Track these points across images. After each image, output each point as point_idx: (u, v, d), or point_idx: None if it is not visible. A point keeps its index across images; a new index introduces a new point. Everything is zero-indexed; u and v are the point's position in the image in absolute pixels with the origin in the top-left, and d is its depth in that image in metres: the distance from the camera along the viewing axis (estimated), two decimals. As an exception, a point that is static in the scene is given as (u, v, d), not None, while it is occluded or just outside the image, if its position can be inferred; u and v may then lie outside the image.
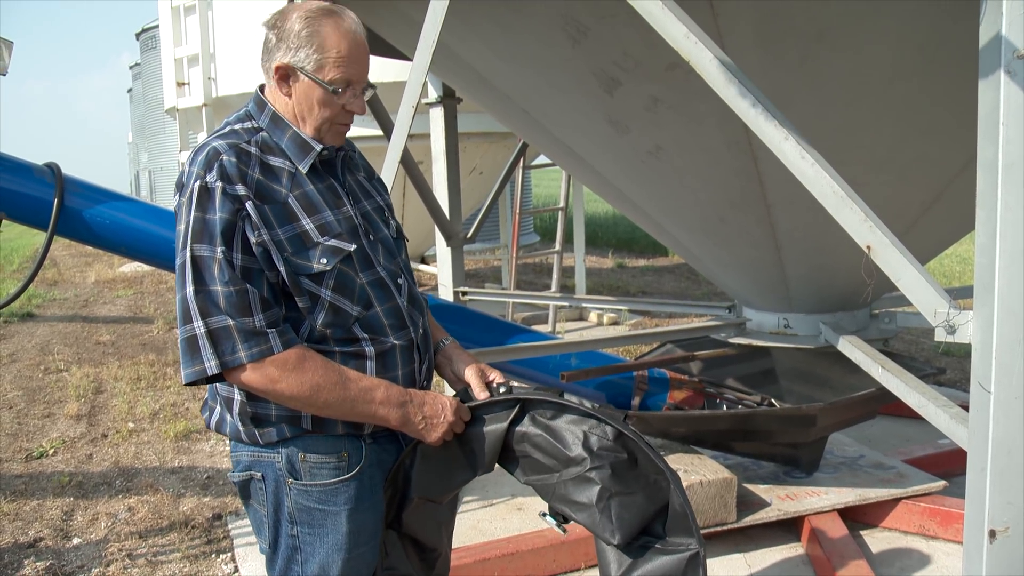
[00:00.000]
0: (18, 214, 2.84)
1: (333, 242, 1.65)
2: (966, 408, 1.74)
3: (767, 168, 2.79)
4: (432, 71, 3.32)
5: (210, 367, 1.54)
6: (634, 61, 2.65)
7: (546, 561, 3.14)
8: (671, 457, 3.40)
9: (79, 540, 3.72)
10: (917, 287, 1.74)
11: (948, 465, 3.77)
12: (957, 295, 1.78)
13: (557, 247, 7.73)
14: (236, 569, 3.38)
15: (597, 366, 3.61)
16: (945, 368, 5.49)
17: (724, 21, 2.39)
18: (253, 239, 1.57)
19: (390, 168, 2.80)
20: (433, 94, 4.58)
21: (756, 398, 3.67)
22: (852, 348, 2.82)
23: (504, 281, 9.24)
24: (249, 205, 1.57)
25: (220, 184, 1.56)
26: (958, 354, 6.38)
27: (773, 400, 3.65)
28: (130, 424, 5.36)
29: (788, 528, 3.41)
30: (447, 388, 2.53)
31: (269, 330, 1.57)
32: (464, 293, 4.55)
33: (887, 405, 3.61)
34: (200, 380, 1.58)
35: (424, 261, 9.59)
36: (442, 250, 4.58)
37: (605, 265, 13.05)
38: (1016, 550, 1.65)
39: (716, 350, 3.71)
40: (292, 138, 1.69)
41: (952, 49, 2.40)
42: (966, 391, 1.67)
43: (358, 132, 1.97)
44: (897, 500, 3.44)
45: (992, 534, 1.64)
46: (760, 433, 3.42)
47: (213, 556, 3.50)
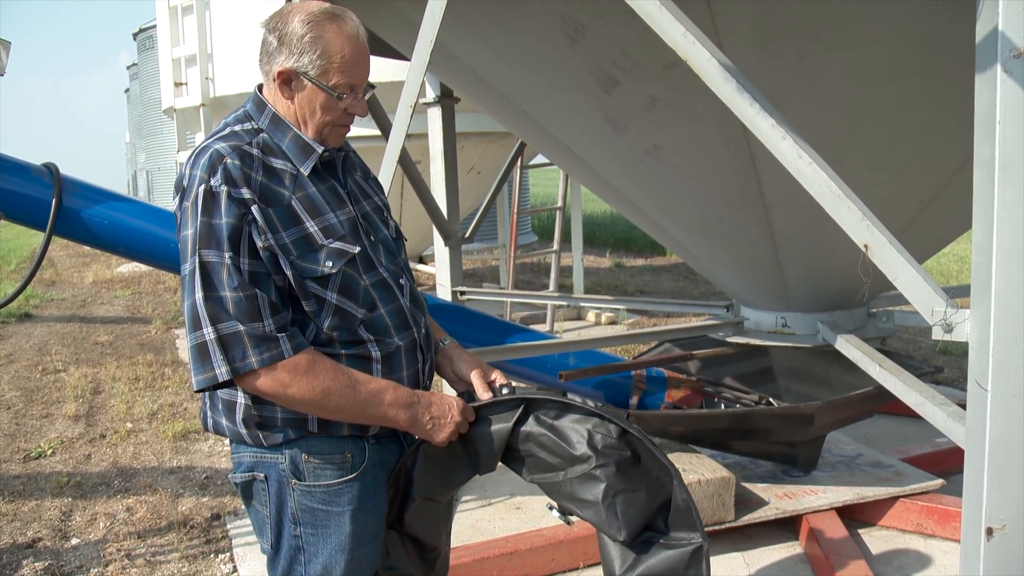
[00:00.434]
0: (16, 214, 2.84)
1: (338, 245, 1.64)
2: (964, 406, 1.74)
3: (765, 167, 2.79)
4: (430, 71, 3.32)
5: (221, 373, 1.53)
6: (632, 60, 2.65)
7: (545, 560, 3.13)
8: (669, 456, 3.39)
9: (77, 540, 3.71)
10: (914, 285, 1.74)
11: (946, 463, 3.78)
12: (955, 294, 1.78)
13: (555, 247, 7.73)
14: (235, 569, 3.38)
15: (595, 365, 3.61)
16: (943, 367, 5.50)
17: (722, 21, 2.39)
18: (260, 243, 1.56)
19: (388, 168, 2.80)
20: (431, 94, 4.58)
21: (754, 397, 3.67)
22: (850, 347, 2.82)
23: (502, 281, 9.24)
24: (255, 209, 1.56)
25: (225, 188, 1.55)
26: (956, 352, 6.38)
27: (771, 399, 3.65)
28: (128, 424, 5.36)
29: (786, 527, 3.41)
30: (445, 387, 2.53)
31: (279, 335, 1.56)
32: (462, 293, 4.55)
33: (885, 404, 3.62)
34: (211, 387, 1.56)
35: (422, 261, 9.58)
36: (440, 250, 4.58)
37: (603, 264, 13.06)
38: (1013, 548, 1.65)
39: (714, 349, 3.71)
40: (293, 140, 1.68)
41: (949, 48, 2.41)
42: (964, 389, 1.67)
43: (355, 132, 1.97)
44: (895, 499, 3.44)
45: (989, 532, 1.64)
46: (758, 432, 3.43)
47: (212, 556, 3.50)
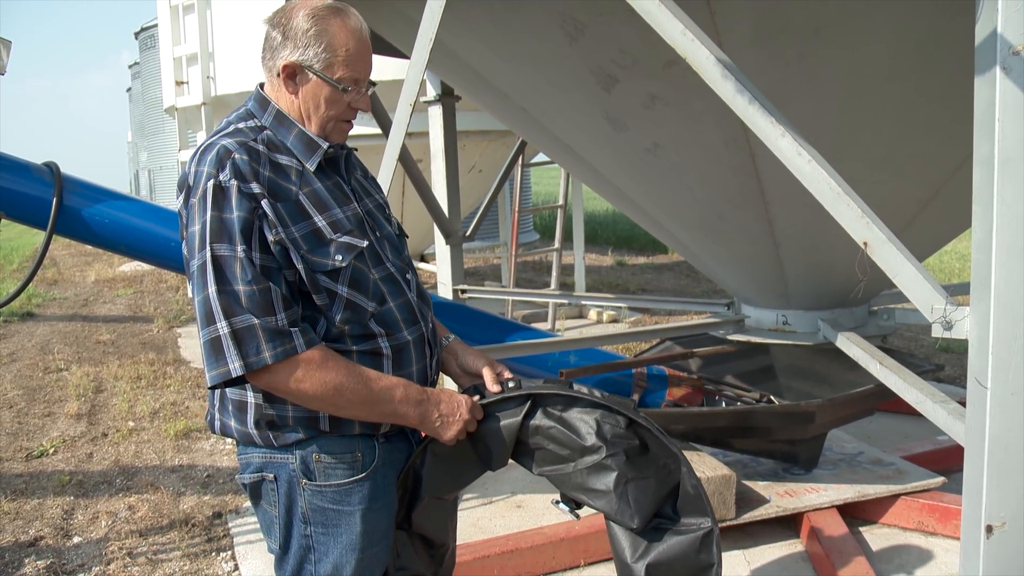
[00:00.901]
0: (17, 213, 2.85)
1: (346, 239, 1.65)
2: (964, 404, 1.74)
3: (765, 165, 2.79)
4: (430, 69, 3.33)
5: (234, 368, 1.52)
6: (632, 59, 2.65)
7: (545, 558, 3.14)
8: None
9: (79, 539, 3.72)
10: (913, 283, 1.74)
11: (947, 461, 3.78)
12: (956, 292, 1.78)
13: (556, 245, 7.73)
14: (236, 567, 3.38)
15: (596, 363, 3.61)
16: (944, 364, 5.50)
17: (721, 19, 2.39)
18: (271, 237, 1.56)
19: (388, 166, 2.80)
20: (431, 92, 4.58)
21: (755, 395, 3.67)
22: (850, 345, 2.82)
23: (503, 279, 9.25)
24: (265, 203, 1.56)
25: (235, 182, 1.54)
26: (957, 350, 6.38)
27: (772, 397, 3.65)
28: (130, 423, 5.37)
29: (787, 524, 3.41)
30: (448, 383, 2.54)
31: (292, 329, 1.55)
32: (464, 291, 4.55)
33: (886, 401, 3.61)
34: (224, 383, 1.55)
35: (423, 259, 9.59)
36: (441, 248, 4.59)
37: (604, 263, 13.06)
38: (1013, 545, 1.65)
39: (715, 347, 3.71)
40: (298, 136, 1.68)
41: (948, 46, 2.41)
42: (965, 387, 1.67)
43: (356, 131, 1.98)
44: (896, 496, 3.44)
45: (989, 529, 1.64)
46: (759, 430, 3.43)
47: (213, 554, 3.50)
